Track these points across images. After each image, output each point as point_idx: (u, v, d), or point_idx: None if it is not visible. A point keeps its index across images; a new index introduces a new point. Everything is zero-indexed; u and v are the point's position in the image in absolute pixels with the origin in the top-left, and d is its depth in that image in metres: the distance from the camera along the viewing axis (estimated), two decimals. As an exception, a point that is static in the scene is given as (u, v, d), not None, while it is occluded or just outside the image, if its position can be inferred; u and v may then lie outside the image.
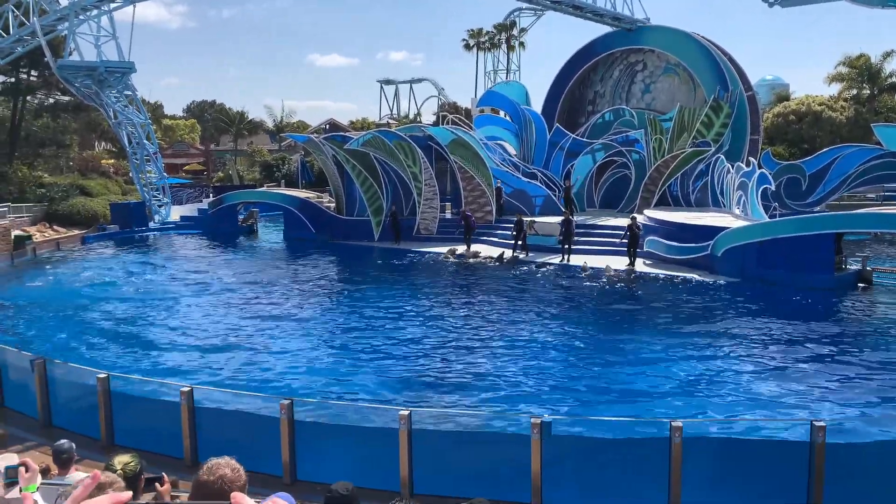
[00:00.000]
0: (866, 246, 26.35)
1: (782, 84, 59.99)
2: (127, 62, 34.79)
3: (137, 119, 36.00)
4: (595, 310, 18.56)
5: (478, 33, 64.54)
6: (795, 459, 8.02)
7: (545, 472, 8.00)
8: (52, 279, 24.46)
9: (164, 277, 24.35)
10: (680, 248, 22.96)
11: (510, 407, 11.28)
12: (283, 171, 52.14)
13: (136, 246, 32.24)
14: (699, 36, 32.57)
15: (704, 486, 8.11)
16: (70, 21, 33.56)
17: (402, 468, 8.29)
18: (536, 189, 30.38)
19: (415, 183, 29.87)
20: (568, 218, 24.47)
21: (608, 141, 31.13)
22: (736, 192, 24.87)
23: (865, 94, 47.75)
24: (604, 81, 36.62)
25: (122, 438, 9.74)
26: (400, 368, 13.54)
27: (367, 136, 31.16)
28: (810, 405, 11.36)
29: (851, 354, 14.18)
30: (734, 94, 30.66)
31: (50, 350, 14.18)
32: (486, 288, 21.49)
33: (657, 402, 11.52)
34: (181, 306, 19.51)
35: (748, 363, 13.65)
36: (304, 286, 21.97)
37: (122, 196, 40.95)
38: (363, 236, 30.24)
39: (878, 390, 12.16)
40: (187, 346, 15.40)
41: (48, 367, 10.76)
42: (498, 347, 14.91)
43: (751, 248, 20.91)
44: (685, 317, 17.43)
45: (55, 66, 33.60)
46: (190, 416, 9.29)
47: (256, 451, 8.90)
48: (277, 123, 74.18)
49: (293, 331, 16.62)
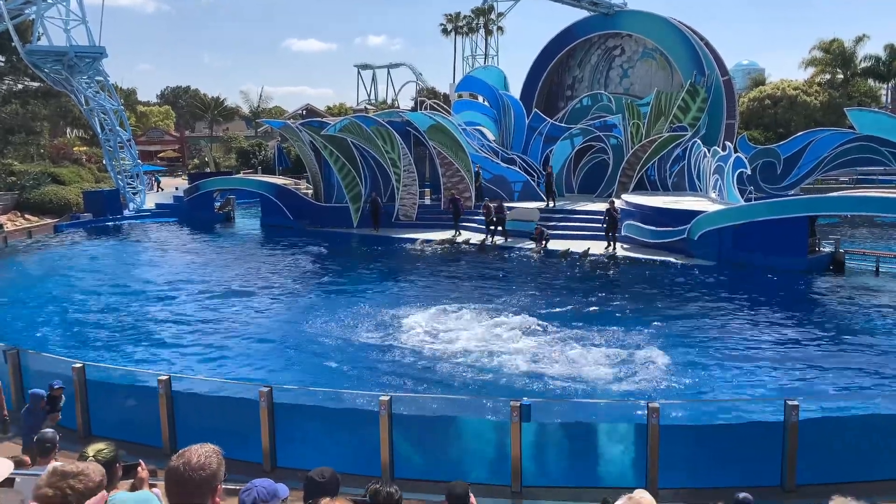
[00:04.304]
0: (838, 229, 26.77)
1: (758, 69, 60.61)
2: (98, 47, 34.08)
3: (110, 105, 35.36)
4: (575, 293, 18.68)
5: (455, 17, 64.22)
6: (771, 439, 8.18)
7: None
8: (25, 268, 24.06)
9: (138, 266, 24.05)
10: (657, 231, 23.16)
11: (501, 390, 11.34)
12: (260, 158, 51.61)
13: (110, 234, 31.80)
14: (676, 21, 32.68)
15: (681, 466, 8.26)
16: (38, 4, 32.77)
17: (383, 453, 8.32)
18: (515, 175, 30.39)
19: (393, 169, 29.73)
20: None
21: (586, 126, 31.22)
22: (712, 176, 25.11)
23: (839, 79, 48.34)
24: (582, 66, 36.64)
25: (99, 429, 9.65)
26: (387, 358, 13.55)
27: (344, 121, 30.91)
28: (783, 384, 11.59)
29: (821, 335, 14.47)
30: (710, 79, 30.86)
31: (24, 340, 13.97)
32: (466, 274, 21.55)
33: (634, 382, 11.65)
34: (158, 296, 19.30)
35: (722, 344, 13.86)
36: (282, 275, 21.85)
37: (96, 184, 40.27)
38: (341, 223, 30.08)
39: (848, 368, 12.44)
40: (164, 336, 15.27)
41: (21, 357, 10.61)
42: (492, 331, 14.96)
43: (726, 231, 21.17)
44: (661, 299, 17.63)
45: (23, 52, 32.84)
46: (168, 404, 9.22)
47: (236, 438, 8.87)
48: (254, 109, 73.36)
49: (272, 319, 16.55)
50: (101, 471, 2.70)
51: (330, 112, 69.48)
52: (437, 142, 29.28)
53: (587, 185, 31.81)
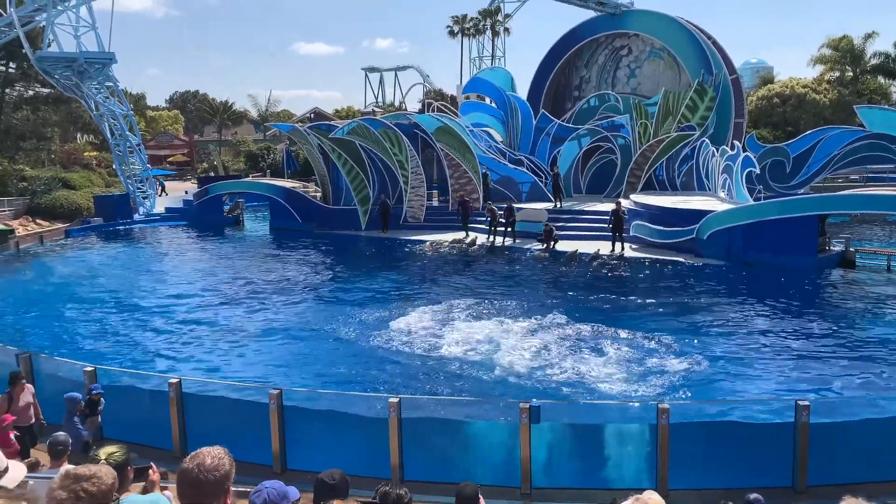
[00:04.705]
0: (847, 228, 26.60)
1: (766, 67, 60.28)
2: (107, 53, 34.34)
3: (119, 110, 35.60)
4: (582, 295, 18.65)
5: (462, 20, 64.21)
6: (782, 440, 8.14)
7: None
8: (37, 273, 24.25)
9: (148, 270, 24.20)
10: (666, 231, 23.08)
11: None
12: (269, 161, 51.82)
13: (121, 238, 31.99)
14: (683, 20, 32.60)
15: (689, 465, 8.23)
16: (48, 11, 33.05)
17: (393, 455, 8.34)
18: (523, 175, 30.38)
19: (401, 171, 29.78)
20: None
21: (594, 126, 31.17)
22: (721, 175, 25.01)
23: (849, 77, 48.00)
24: (589, 66, 36.60)
25: (111, 432, 9.71)
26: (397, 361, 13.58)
27: (352, 124, 31.00)
28: (795, 385, 11.53)
29: (832, 335, 14.39)
30: (718, 78, 30.76)
31: (38, 345, 14.09)
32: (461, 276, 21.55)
33: (645, 383, 11.62)
34: (169, 300, 19.41)
35: (733, 344, 13.81)
36: (291, 278, 21.94)
37: (106, 188, 40.53)
38: (350, 225, 30.15)
39: (857, 369, 12.35)
40: (174, 339, 15.35)
41: (34, 361, 10.69)
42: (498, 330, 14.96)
43: (736, 231, 21.07)
44: (671, 300, 17.58)
45: (34, 58, 33.11)
46: (178, 407, 9.27)
47: (247, 440, 8.91)
48: (262, 113, 73.62)
49: (283, 322, 16.62)
50: (112, 473, 2.73)
51: (338, 115, 69.68)
52: (444, 143, 29.31)
53: (595, 185, 31.74)
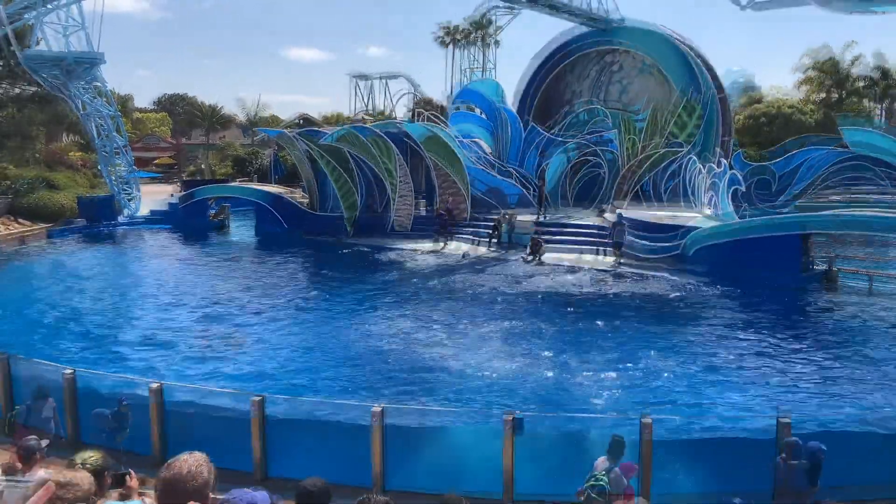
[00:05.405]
0: (833, 246, 26.86)
1: (748, 74, 60.89)
2: (96, 53, 34.08)
3: (106, 111, 35.33)
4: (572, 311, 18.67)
5: (454, 31, 64.25)
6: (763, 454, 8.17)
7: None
8: (16, 274, 23.93)
9: (129, 275, 23.95)
10: (652, 247, 23.21)
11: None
12: (256, 166, 51.58)
13: (104, 241, 31.65)
14: (674, 36, 32.91)
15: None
16: (37, 10, 32.79)
17: (375, 464, 8.27)
18: (511, 187, 30.48)
19: (389, 179, 29.75)
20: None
21: (582, 140, 31.35)
22: (707, 192, 25.23)
23: (834, 98, 48.73)
24: (580, 80, 36.84)
25: (89, 436, 9.55)
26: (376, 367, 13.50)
27: (341, 131, 30.96)
28: (775, 400, 11.58)
29: (812, 351, 14.51)
30: (706, 96, 31.08)
31: (14, 346, 13.86)
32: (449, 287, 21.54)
33: (628, 396, 11.64)
34: (147, 305, 19.21)
35: (712, 359, 13.87)
36: (275, 284, 21.79)
37: (91, 190, 40.11)
38: (336, 232, 30.05)
39: (836, 385, 12.45)
40: (156, 344, 15.18)
41: (11, 363, 10.51)
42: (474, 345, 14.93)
43: (721, 247, 21.23)
44: (655, 313, 17.64)
45: (21, 57, 32.80)
46: (159, 412, 9.15)
47: (227, 447, 8.80)
48: (250, 118, 73.35)
49: (266, 328, 16.49)
50: (90, 480, 2.67)
51: (326, 121, 69.52)
52: (433, 153, 29.34)
53: (582, 197, 31.90)
